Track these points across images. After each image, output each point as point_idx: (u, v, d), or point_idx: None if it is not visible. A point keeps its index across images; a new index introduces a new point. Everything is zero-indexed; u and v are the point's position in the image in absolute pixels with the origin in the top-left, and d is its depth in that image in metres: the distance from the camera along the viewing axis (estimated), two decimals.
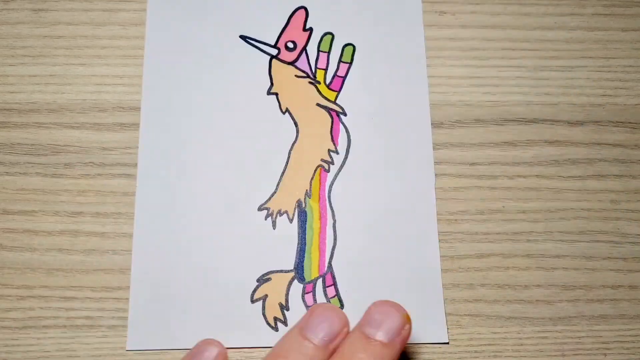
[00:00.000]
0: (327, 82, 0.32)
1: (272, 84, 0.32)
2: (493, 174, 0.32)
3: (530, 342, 0.29)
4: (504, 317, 0.29)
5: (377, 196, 0.31)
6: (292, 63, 0.33)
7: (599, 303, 0.30)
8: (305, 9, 0.34)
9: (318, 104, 0.32)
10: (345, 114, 0.32)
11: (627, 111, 0.33)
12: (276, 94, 0.32)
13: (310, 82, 0.32)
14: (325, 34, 0.33)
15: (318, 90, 0.32)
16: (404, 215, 0.31)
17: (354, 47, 0.33)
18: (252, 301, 0.29)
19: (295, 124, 0.32)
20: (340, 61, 0.33)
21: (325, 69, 0.33)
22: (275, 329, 0.29)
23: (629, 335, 0.30)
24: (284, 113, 0.32)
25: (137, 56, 0.32)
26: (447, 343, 0.29)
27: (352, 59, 0.33)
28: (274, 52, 0.33)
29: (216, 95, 0.32)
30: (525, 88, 0.33)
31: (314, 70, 0.33)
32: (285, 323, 0.29)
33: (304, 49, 0.33)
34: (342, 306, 0.29)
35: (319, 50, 0.33)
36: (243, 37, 0.33)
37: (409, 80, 0.33)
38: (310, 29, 0.33)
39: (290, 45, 0.33)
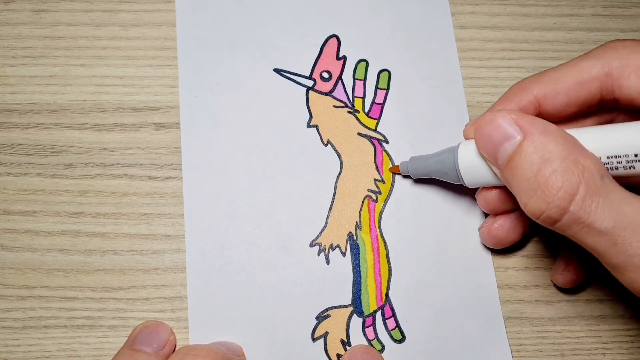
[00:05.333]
0: (366, 110, 0.32)
1: (311, 116, 0.32)
2: None
3: (530, 342, 0.29)
4: (504, 317, 0.29)
5: (427, 222, 0.30)
6: (329, 93, 0.32)
7: (597, 303, 0.30)
8: (337, 37, 0.33)
9: (359, 134, 0.31)
10: (387, 142, 0.31)
11: None
12: (316, 127, 0.31)
13: (349, 112, 0.32)
14: (360, 61, 0.33)
15: (358, 120, 0.32)
16: (457, 239, 0.30)
17: (389, 72, 0.32)
18: (313, 339, 0.28)
19: (339, 155, 0.31)
20: (377, 88, 0.32)
21: (363, 97, 0.32)
22: None
23: (627, 335, 0.30)
24: (326, 145, 0.31)
25: (137, 57, 0.32)
26: None
27: (388, 85, 0.32)
28: (309, 83, 0.32)
29: (255, 132, 0.31)
30: None
31: (351, 99, 0.32)
32: None
33: (340, 78, 0.32)
34: (404, 337, 0.29)
35: (354, 79, 0.32)
36: (277, 71, 0.32)
37: (446, 101, 0.32)
38: (344, 57, 0.33)
39: (326, 75, 0.32)
